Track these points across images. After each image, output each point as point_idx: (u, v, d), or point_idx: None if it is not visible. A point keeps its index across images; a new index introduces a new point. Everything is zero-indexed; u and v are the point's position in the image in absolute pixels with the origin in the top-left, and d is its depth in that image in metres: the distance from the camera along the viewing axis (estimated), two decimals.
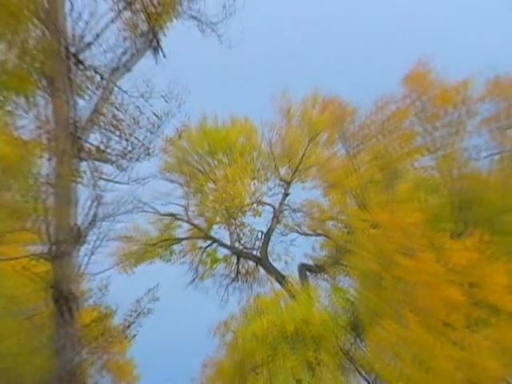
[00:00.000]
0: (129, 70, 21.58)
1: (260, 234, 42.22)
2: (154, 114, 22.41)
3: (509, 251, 31.20)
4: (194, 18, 22.08)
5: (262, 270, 42.54)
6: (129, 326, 34.82)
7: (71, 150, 20.01)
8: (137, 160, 22.53)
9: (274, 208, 42.35)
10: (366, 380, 35.48)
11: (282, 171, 42.00)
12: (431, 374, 28.72)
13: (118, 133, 22.09)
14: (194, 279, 42.12)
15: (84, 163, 20.84)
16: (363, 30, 74.71)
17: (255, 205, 42.43)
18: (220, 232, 42.81)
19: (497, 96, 38.95)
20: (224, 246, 42.78)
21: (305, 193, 42.96)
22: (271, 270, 42.20)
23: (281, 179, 42.25)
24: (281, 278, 41.79)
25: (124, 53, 21.57)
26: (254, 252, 42.13)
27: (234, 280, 42.50)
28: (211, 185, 41.46)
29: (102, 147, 21.94)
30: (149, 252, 40.03)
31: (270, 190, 42.83)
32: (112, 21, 21.45)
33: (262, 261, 42.12)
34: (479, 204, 35.35)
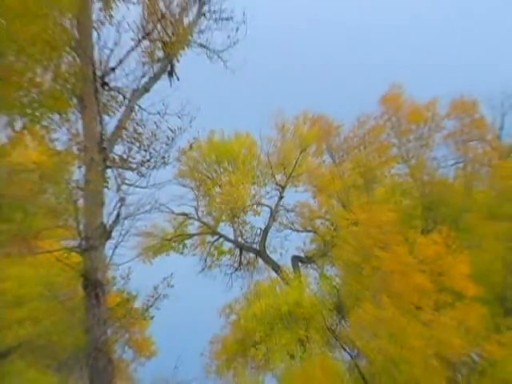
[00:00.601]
0: (147, 90, 21.55)
1: (259, 230, 42.30)
2: (169, 129, 22.41)
3: (470, 245, 31.18)
4: (202, 46, 22.06)
5: (260, 261, 42.57)
6: (147, 309, 34.82)
7: (98, 159, 19.98)
8: (154, 168, 22.54)
9: (270, 208, 42.36)
10: (349, 354, 35.44)
11: (278, 177, 42.03)
12: (404, 349, 28.69)
13: (138, 145, 22.09)
14: (203, 269, 42.19)
15: (109, 170, 20.83)
16: (347, 59, 75.07)
17: (255, 206, 42.52)
18: (225, 229, 42.90)
19: (460, 113, 38.95)
20: (229, 240, 42.77)
21: (297, 195, 43.06)
22: (268, 260, 42.22)
23: (277, 184, 42.27)
24: (277, 268, 41.83)
25: (143, 76, 21.56)
26: (254, 245, 42.13)
27: (237, 269, 42.53)
28: (218, 189, 41.51)
29: (125, 157, 21.95)
30: (165, 246, 40.07)
31: (268, 193, 42.92)
32: (133, 49, 21.44)
33: (261, 253, 42.13)
34: (445, 205, 35.33)
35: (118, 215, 20.98)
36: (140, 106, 21.74)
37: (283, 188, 42.26)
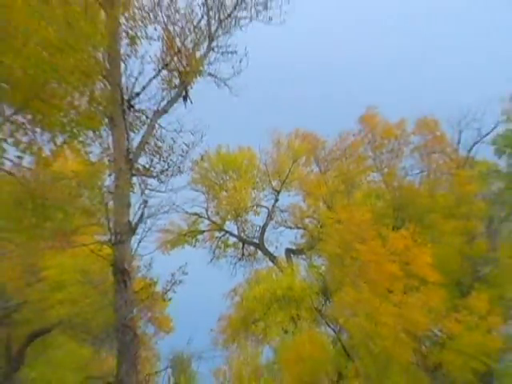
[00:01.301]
0: (166, 112, 21.57)
1: (258, 227, 42.31)
2: (184, 144, 22.45)
3: (432, 239, 31.22)
4: (211, 75, 22.06)
5: (259, 253, 42.54)
6: (166, 292, 34.76)
7: (126, 168, 20.00)
8: (172, 175, 22.60)
9: (268, 209, 42.35)
10: (333, 330, 35.46)
11: (274, 183, 42.01)
12: (378, 325, 28.73)
13: (158, 156, 22.14)
14: (211, 259, 42.19)
15: (135, 178, 20.86)
16: (330, 87, 75.44)
17: (255, 207, 42.52)
18: (230, 226, 42.87)
19: (424, 131, 39.03)
20: (233, 235, 42.76)
21: (289, 198, 43.06)
22: (266, 252, 42.19)
23: (273, 189, 42.26)
24: (273, 258, 41.81)
25: (162, 100, 21.57)
26: (254, 240, 42.10)
27: (240, 260, 42.50)
28: (224, 193, 41.56)
29: (148, 166, 21.99)
30: (180, 240, 40.09)
31: (265, 196, 42.93)
32: (154, 77, 21.45)
33: (260, 246, 42.11)
34: (412, 206, 35.43)
35: (141, 215, 21.02)
36: (160, 125, 21.79)
37: (278, 192, 42.28)
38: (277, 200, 42.58)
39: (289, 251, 42.29)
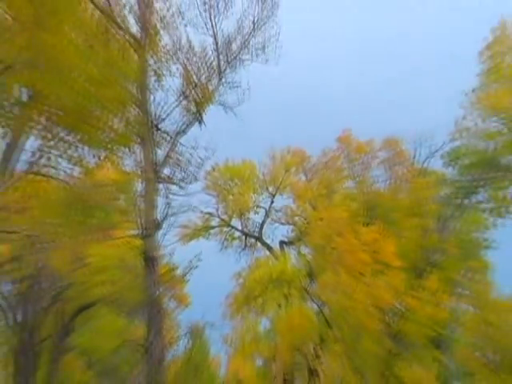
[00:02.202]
0: (185, 132, 21.65)
1: (258, 223, 42.24)
2: (199, 157, 22.48)
3: (395, 233, 31.24)
4: (221, 104, 22.15)
5: (259, 244, 42.39)
6: (185, 275, 34.80)
7: (153, 177, 20.07)
8: (189, 183, 22.62)
9: (265, 209, 42.24)
10: (317, 305, 35.48)
11: (270, 189, 41.91)
12: (352, 301, 28.78)
13: (179, 168, 22.17)
14: (221, 249, 42.01)
15: (160, 185, 20.91)
16: (315, 110, 75.57)
17: (255, 207, 42.41)
18: (236, 223, 42.78)
19: (389, 147, 39.11)
20: (238, 230, 42.60)
21: (282, 201, 42.99)
22: (264, 244, 42.11)
23: (269, 193, 42.17)
24: (269, 248, 41.74)
25: (182, 123, 21.64)
26: (255, 234, 42.00)
27: (243, 249, 42.29)
28: (231, 197, 41.43)
29: (170, 175, 22.01)
30: (196, 234, 40.01)
31: (263, 199, 42.75)
32: (176, 105, 21.54)
33: (259, 239, 42.00)
34: (379, 207, 35.41)
35: (165, 214, 21.09)
36: (180, 143, 21.82)
37: (273, 196, 42.17)
38: (272, 202, 42.48)
39: (282, 243, 42.20)
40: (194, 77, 21.75)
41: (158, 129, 20.96)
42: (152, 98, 20.82)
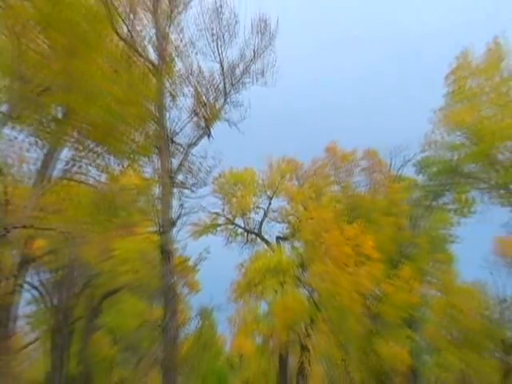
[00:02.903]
0: (195, 144, 21.60)
1: (258, 222, 42.09)
2: (208, 166, 22.46)
3: (374, 230, 31.15)
4: (226, 120, 22.06)
5: (258, 239, 42.21)
6: (196, 265, 34.85)
7: (168, 182, 20.03)
8: (200, 187, 22.60)
9: (264, 210, 42.04)
10: (307, 291, 35.42)
11: (268, 193, 41.68)
12: (338, 287, 28.72)
13: (190, 174, 22.13)
14: (226, 243, 41.76)
15: (175, 189, 20.87)
16: (306, 124, 75.93)
17: (255, 208, 42.25)
18: (239, 221, 42.56)
19: (369, 157, 39.06)
20: (241, 227, 42.31)
21: (279, 203, 42.77)
22: (263, 239, 41.86)
23: (267, 196, 41.97)
24: (267, 243, 41.59)
25: (193, 136, 21.62)
26: (255, 230, 41.83)
27: (245, 244, 42.02)
28: (234, 199, 41.28)
29: (184, 181, 21.97)
30: (205, 230, 39.74)
31: (262, 201, 42.45)
32: (188, 122, 21.52)
33: (259, 235, 41.76)
34: (360, 208, 35.39)
35: (179, 214, 21.06)
36: (191, 153, 21.79)
37: (271, 198, 41.95)
38: (270, 203, 42.24)
39: (278, 238, 41.98)
40: (204, 97, 21.75)
41: (173, 141, 20.92)
42: (168, 115, 20.82)
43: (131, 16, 19.84)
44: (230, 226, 42.33)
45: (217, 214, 41.29)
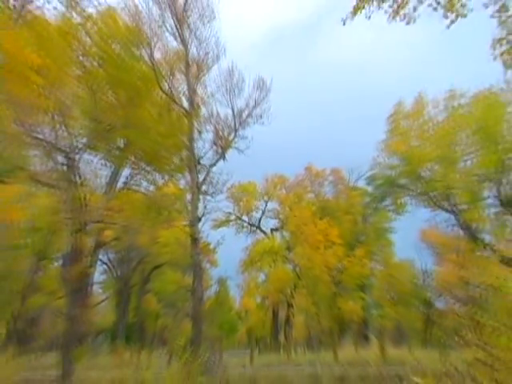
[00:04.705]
0: (214, 165, 21.40)
1: (257, 218, 41.91)
2: (223, 180, 22.30)
3: (338, 224, 31.02)
4: (236, 148, 21.94)
5: (258, 231, 42.04)
6: (215, 248, 34.71)
7: (196, 191, 19.85)
8: (217, 194, 22.40)
9: (262, 210, 41.87)
10: (292, 266, 35.14)
11: (265, 198, 41.58)
12: (313, 263, 28.47)
13: (211, 185, 21.97)
14: (236, 233, 41.56)
15: (200, 196, 20.69)
16: (292, 150, 76.02)
17: (256, 209, 42.02)
18: (245, 218, 42.34)
19: (334, 174, 39.05)
20: (246, 222, 41.92)
21: (272, 205, 42.54)
22: (261, 230, 41.56)
23: (264, 201, 41.80)
24: (264, 233, 41.28)
25: (213, 160, 21.48)
26: (256, 224, 41.64)
27: (249, 233, 41.64)
28: (241, 203, 41.06)
29: (206, 190, 21.81)
30: (221, 224, 39.49)
31: (261, 204, 42.31)
32: (209, 149, 21.42)
33: (258, 227, 41.47)
34: (329, 209, 35.35)
35: (203, 213, 20.90)
36: (212, 171, 21.63)
37: (267, 202, 41.80)
38: (266, 206, 42.09)
39: (272, 229, 41.73)
40: (220, 133, 21.65)
41: (199, 163, 20.76)
42: (195, 145, 20.66)
43: (170, 77, 19.79)
44: (239, 221, 42.11)
45: (229, 213, 41.11)
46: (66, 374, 14.04)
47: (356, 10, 9.63)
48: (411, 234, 35.99)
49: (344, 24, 9.76)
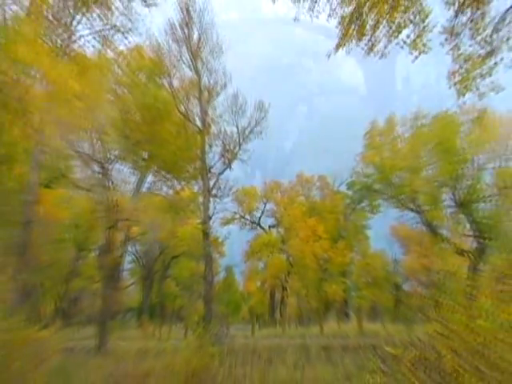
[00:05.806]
0: (223, 173, 21.41)
1: (258, 217, 41.68)
2: (230, 185, 22.33)
3: (324, 222, 30.90)
4: (240, 159, 21.94)
5: (258, 227, 41.82)
6: (223, 241, 34.46)
7: (207, 194, 19.76)
8: (225, 197, 22.51)
9: (262, 210, 41.69)
10: (286, 256, 34.80)
11: (264, 200, 41.29)
12: (303, 253, 28.38)
13: (220, 190, 22.00)
14: (240, 229, 41.23)
15: (211, 198, 20.63)
16: (285, 160, 75.87)
17: (256, 209, 41.74)
18: (247, 217, 42.04)
19: (321, 180, 38.96)
20: (248, 220, 41.86)
21: (270, 206, 42.35)
22: (261, 227, 41.19)
23: (263, 202, 41.57)
24: (263, 229, 41.05)
25: (221, 169, 21.45)
26: (256, 222, 41.40)
27: (250, 229, 41.11)
28: (245, 204, 40.77)
29: (216, 193, 21.81)
30: (228, 221, 39.02)
31: (261, 205, 42.07)
32: (218, 160, 21.40)
33: (259, 224, 41.16)
34: (317, 209, 35.10)
35: (213, 212, 20.88)
36: (220, 178, 21.64)
37: (265, 204, 41.45)
38: (265, 206, 41.92)
39: (270, 226, 41.49)
40: (227, 146, 21.65)
41: (210, 171, 20.75)
42: (207, 156, 20.66)
43: (186, 101, 19.84)
44: (242, 220, 41.73)
45: (234, 212, 40.73)
46: (102, 343, 14.16)
47: (338, 46, 9.75)
48: (383, 230, 35.82)
49: (328, 58, 9.91)
